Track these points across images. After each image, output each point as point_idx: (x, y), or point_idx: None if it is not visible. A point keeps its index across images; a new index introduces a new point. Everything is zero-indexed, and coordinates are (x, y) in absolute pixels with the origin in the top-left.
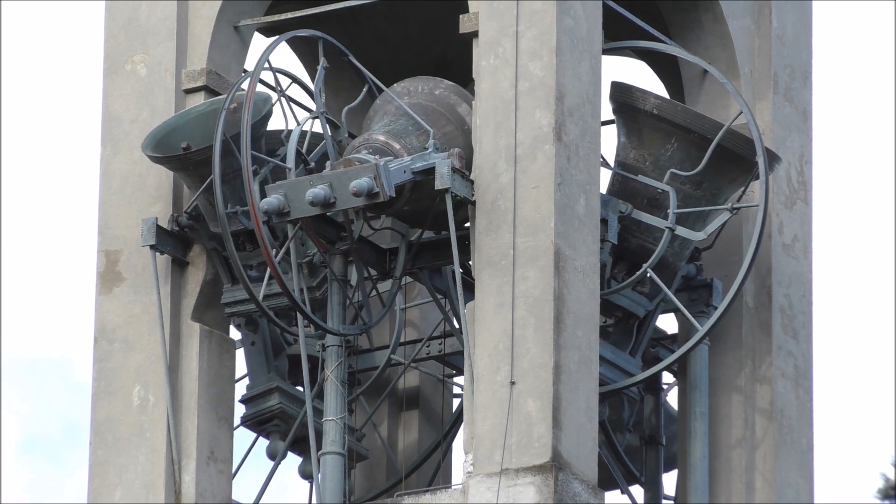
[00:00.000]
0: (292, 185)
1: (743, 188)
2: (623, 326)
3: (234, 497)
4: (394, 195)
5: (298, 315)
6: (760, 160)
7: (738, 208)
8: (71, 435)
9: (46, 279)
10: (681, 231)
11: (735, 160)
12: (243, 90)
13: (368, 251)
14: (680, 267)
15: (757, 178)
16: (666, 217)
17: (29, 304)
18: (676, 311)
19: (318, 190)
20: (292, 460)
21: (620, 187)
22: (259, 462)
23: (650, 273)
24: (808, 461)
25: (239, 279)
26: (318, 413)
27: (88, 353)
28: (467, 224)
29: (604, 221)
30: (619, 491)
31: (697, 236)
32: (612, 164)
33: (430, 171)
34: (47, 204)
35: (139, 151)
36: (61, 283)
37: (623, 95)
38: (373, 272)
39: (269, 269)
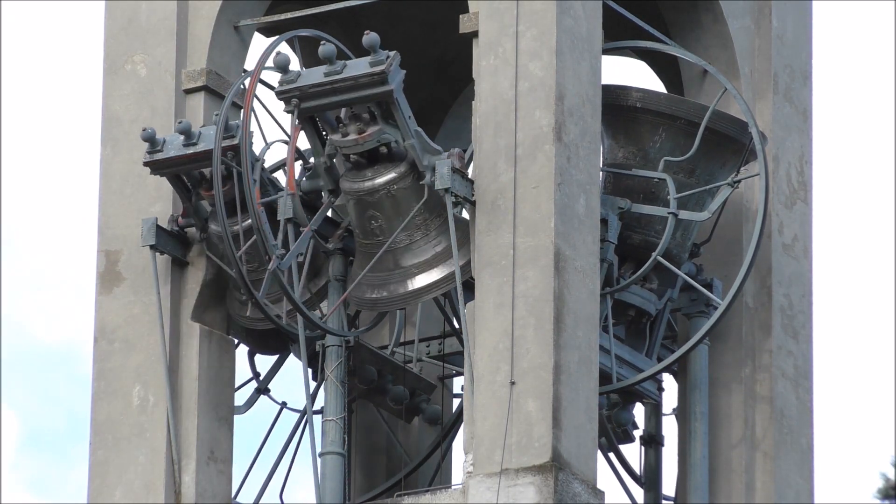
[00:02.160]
0: (306, 73)
1: (738, 166)
2: (636, 328)
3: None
4: (392, 90)
5: (299, 315)
6: (753, 130)
7: (738, 181)
8: (75, 429)
9: (48, 275)
10: (684, 214)
11: (724, 142)
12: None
13: None
14: (683, 260)
15: (748, 161)
16: (667, 205)
17: (31, 299)
18: (679, 311)
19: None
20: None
21: (614, 189)
22: (260, 462)
23: (660, 260)
24: (808, 461)
25: (238, 279)
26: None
27: (91, 348)
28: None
29: (604, 221)
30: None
31: (702, 216)
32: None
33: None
34: (47, 204)
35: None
36: (64, 278)
37: (604, 97)
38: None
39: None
